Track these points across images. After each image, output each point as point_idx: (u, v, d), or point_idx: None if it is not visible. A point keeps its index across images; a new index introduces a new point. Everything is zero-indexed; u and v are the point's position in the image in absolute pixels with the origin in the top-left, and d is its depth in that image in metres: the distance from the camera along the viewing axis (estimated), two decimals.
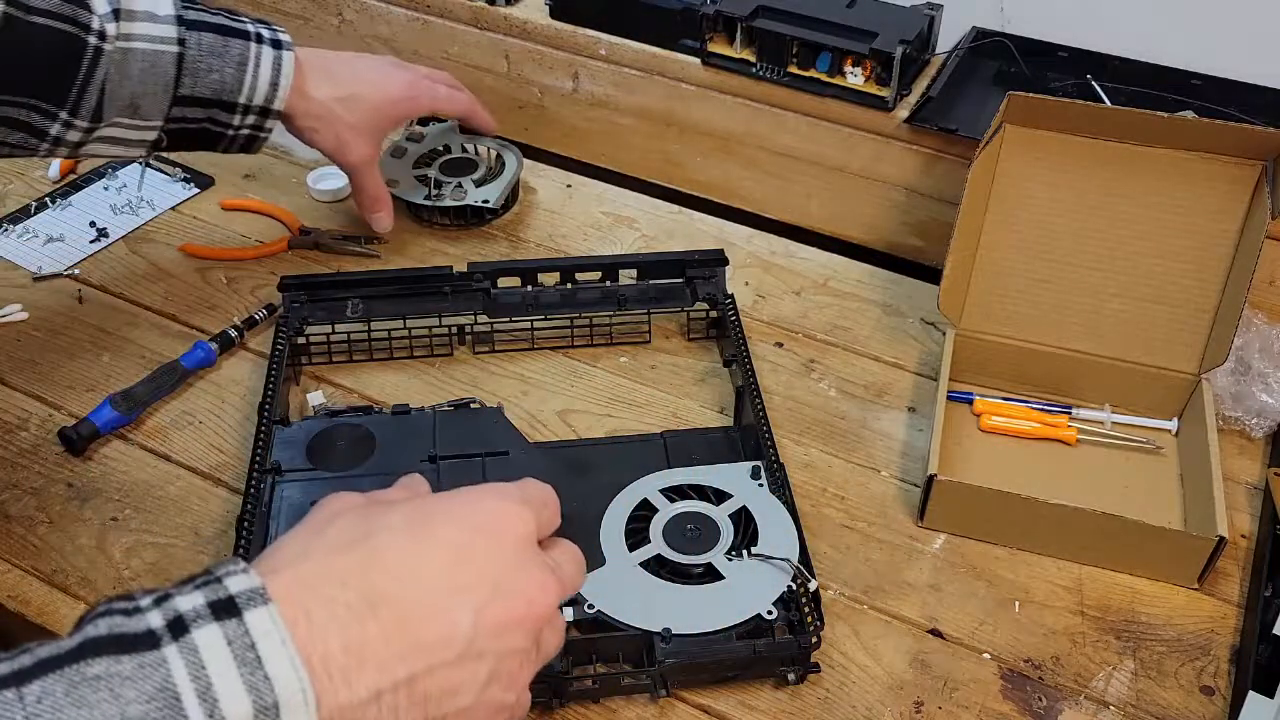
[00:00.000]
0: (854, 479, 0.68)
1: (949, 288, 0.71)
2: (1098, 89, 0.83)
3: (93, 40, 0.62)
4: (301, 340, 0.73)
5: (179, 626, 0.31)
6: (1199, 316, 0.69)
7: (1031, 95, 0.67)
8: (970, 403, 0.72)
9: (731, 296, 0.76)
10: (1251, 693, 0.55)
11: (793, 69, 0.85)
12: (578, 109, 0.97)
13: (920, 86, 0.85)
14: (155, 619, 0.32)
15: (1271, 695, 0.55)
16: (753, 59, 0.86)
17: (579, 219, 0.89)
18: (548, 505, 0.42)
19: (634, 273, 0.77)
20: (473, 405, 0.70)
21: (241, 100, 0.69)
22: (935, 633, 0.59)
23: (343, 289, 0.74)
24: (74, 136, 0.64)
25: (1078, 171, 0.69)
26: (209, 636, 0.31)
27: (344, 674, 0.34)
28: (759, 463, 0.63)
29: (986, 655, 0.58)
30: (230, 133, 0.70)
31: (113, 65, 0.63)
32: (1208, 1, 0.82)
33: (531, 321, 0.75)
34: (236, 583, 0.34)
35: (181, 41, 0.66)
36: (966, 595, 0.61)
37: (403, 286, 0.74)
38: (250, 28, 0.69)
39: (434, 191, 0.85)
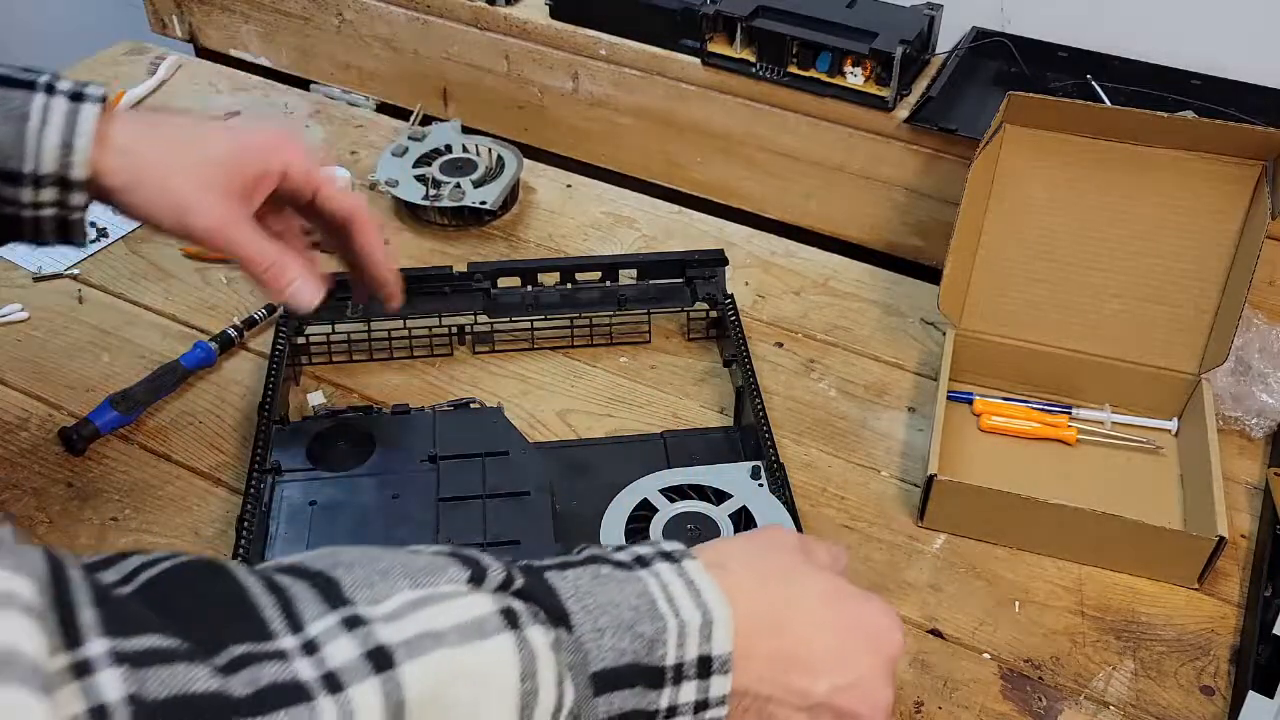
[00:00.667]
0: (854, 479, 0.68)
1: (949, 288, 0.71)
2: (1098, 89, 0.83)
3: None
4: (301, 340, 0.73)
5: (642, 562, 0.41)
6: (1199, 316, 0.69)
7: (1031, 95, 0.67)
8: (970, 403, 0.72)
9: (731, 296, 0.76)
10: (1251, 693, 0.55)
11: (793, 69, 0.85)
12: (578, 109, 0.97)
13: (920, 86, 0.85)
14: (625, 557, 0.41)
15: (1271, 695, 0.55)
16: (753, 59, 0.86)
17: (579, 219, 0.89)
18: (903, 648, 0.47)
19: (634, 273, 0.77)
20: (473, 405, 0.70)
21: (27, 169, 0.51)
22: (935, 633, 0.59)
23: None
24: None
25: (1078, 171, 0.69)
26: (664, 568, 0.41)
27: (736, 661, 0.41)
28: (759, 463, 0.63)
29: (986, 655, 0.58)
30: (25, 214, 0.53)
31: None
32: (1208, 2, 0.82)
33: (531, 321, 0.75)
34: (677, 551, 0.42)
35: None
36: (966, 595, 0.61)
37: (402, 286, 0.74)
38: (42, 79, 0.52)
39: (432, 191, 0.85)
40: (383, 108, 1.06)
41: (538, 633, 0.37)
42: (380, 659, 0.33)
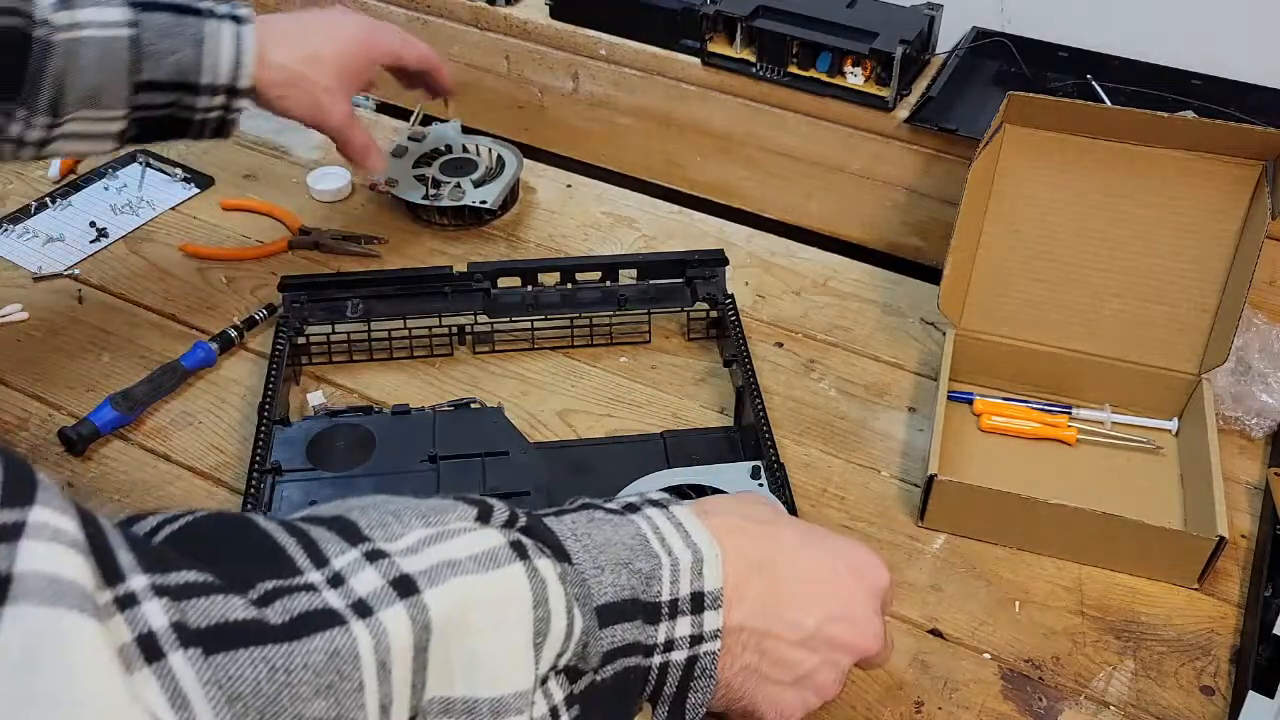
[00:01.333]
0: (854, 479, 0.68)
1: (949, 288, 0.71)
2: (1098, 89, 0.83)
3: (39, 32, 0.60)
4: (301, 340, 0.73)
5: (632, 508, 0.44)
6: (1199, 316, 0.69)
7: (1031, 95, 0.67)
8: (970, 403, 0.72)
9: (731, 296, 0.76)
10: (1251, 693, 0.55)
11: (793, 69, 0.85)
12: (578, 109, 0.97)
13: (920, 86, 0.85)
14: (616, 505, 0.44)
15: (1271, 695, 0.55)
16: (753, 59, 0.86)
17: (579, 219, 0.89)
18: (892, 583, 0.50)
19: (634, 273, 0.77)
20: (473, 405, 0.70)
21: (205, 80, 0.65)
22: (935, 633, 0.59)
23: (343, 289, 0.74)
24: (36, 134, 0.63)
25: (1078, 171, 0.69)
26: (654, 513, 0.44)
27: (729, 598, 0.43)
28: (759, 463, 0.63)
29: (987, 655, 0.58)
30: (198, 117, 0.67)
31: (65, 55, 0.61)
32: (1207, 2, 0.82)
33: (531, 321, 0.75)
34: (664, 499, 0.45)
35: (134, 24, 0.63)
36: (967, 595, 0.61)
37: (403, 286, 0.74)
38: (205, 4, 0.66)
39: (432, 191, 0.85)
40: (383, 107, 1.06)
41: (546, 564, 0.39)
42: (404, 586, 0.35)
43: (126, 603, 0.30)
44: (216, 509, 0.37)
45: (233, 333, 0.75)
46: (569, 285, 0.76)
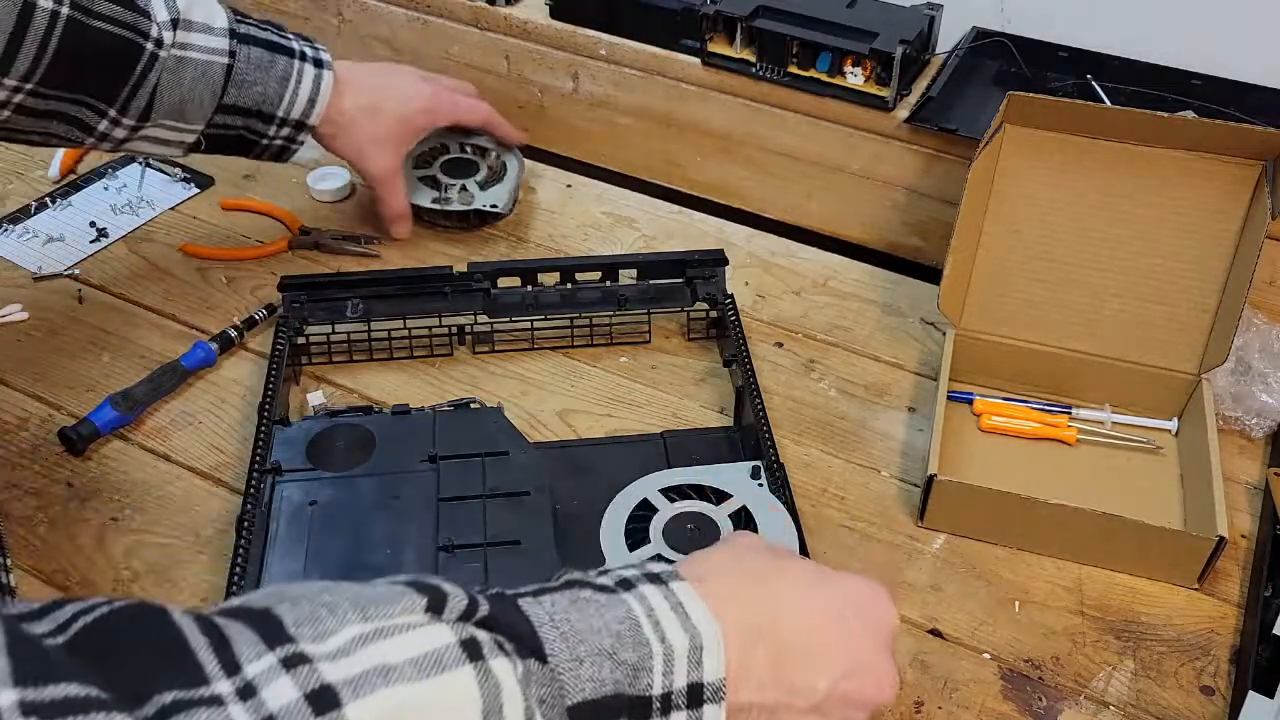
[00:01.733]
0: (854, 479, 0.68)
1: (949, 288, 0.71)
2: (1098, 89, 0.83)
3: (150, 47, 0.66)
4: (301, 340, 0.73)
5: (626, 585, 0.40)
6: (1199, 316, 0.69)
7: (1031, 95, 0.67)
8: (970, 403, 0.72)
9: (731, 296, 0.76)
10: (1251, 693, 0.55)
11: (793, 69, 0.85)
12: (578, 109, 0.97)
13: (920, 86, 0.85)
14: (608, 580, 0.41)
15: (1271, 695, 0.55)
16: (753, 59, 0.86)
17: (579, 219, 0.89)
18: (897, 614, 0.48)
19: (634, 273, 0.77)
20: (473, 405, 0.70)
21: (279, 113, 0.73)
22: (935, 633, 0.59)
23: (343, 289, 0.74)
24: (120, 133, 0.69)
25: (1078, 171, 0.69)
26: (650, 591, 0.40)
27: (733, 678, 0.40)
28: (759, 463, 0.63)
29: (986, 655, 0.58)
30: (264, 142, 0.74)
31: (166, 71, 0.67)
32: (1207, 2, 0.82)
33: (531, 321, 0.75)
34: (664, 573, 0.42)
35: (232, 54, 0.69)
36: (966, 595, 0.61)
37: (403, 286, 0.74)
38: (295, 45, 0.73)
39: (442, 195, 0.84)
40: None
41: (502, 664, 0.34)
42: (323, 700, 0.31)
43: None
44: (136, 601, 0.33)
45: (233, 333, 0.75)
46: (569, 285, 0.76)
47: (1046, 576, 0.62)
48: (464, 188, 0.85)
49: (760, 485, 0.62)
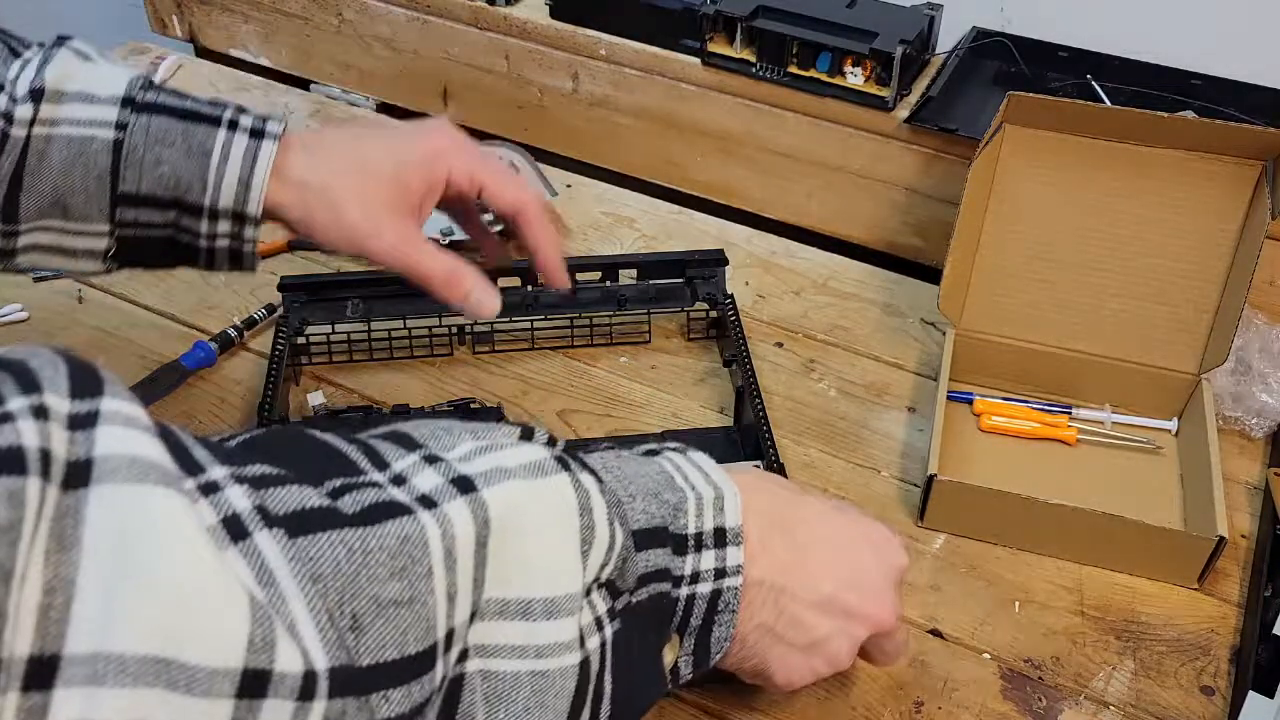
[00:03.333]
0: (854, 479, 0.68)
1: (949, 288, 0.71)
2: (1098, 89, 0.83)
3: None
4: (301, 340, 0.73)
5: (653, 452, 0.46)
6: (1199, 316, 0.69)
7: (1031, 95, 0.67)
8: (970, 403, 0.72)
9: (731, 296, 0.76)
10: (1251, 693, 0.55)
11: (793, 69, 0.85)
12: (578, 109, 0.97)
13: (920, 86, 0.85)
14: (636, 450, 0.46)
15: (1271, 695, 0.55)
16: (753, 59, 0.86)
17: (579, 219, 0.89)
18: (905, 569, 0.51)
19: (634, 273, 0.77)
20: (472, 405, 0.70)
21: (205, 202, 0.53)
22: (935, 633, 0.59)
23: (342, 289, 0.74)
24: None
25: (1078, 171, 0.69)
26: (676, 455, 0.45)
27: (751, 552, 0.44)
28: (759, 463, 0.63)
29: (986, 655, 0.58)
30: (203, 244, 0.54)
31: (29, 155, 0.51)
32: (1208, 1, 0.82)
33: (531, 321, 0.75)
34: (682, 446, 0.47)
35: (121, 126, 0.52)
36: (966, 595, 0.61)
37: (402, 286, 0.73)
38: (225, 113, 0.53)
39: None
40: (382, 107, 1.06)
41: (588, 478, 0.40)
42: (463, 484, 0.36)
43: (209, 489, 0.31)
44: (275, 427, 0.39)
45: (233, 333, 0.75)
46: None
47: (1046, 576, 0.62)
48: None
49: None
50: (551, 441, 0.41)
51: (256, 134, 0.53)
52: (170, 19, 1.13)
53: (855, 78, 0.83)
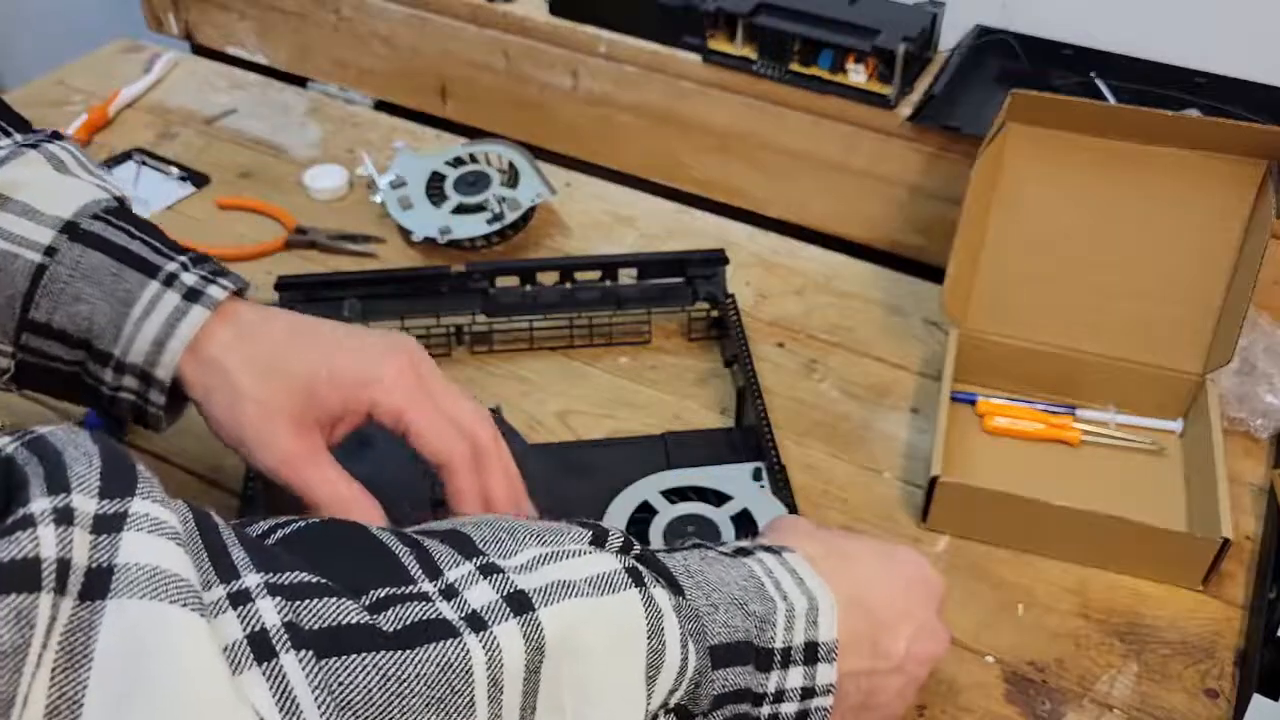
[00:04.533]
0: (856, 480, 0.67)
1: (952, 287, 0.70)
2: (1102, 87, 0.82)
3: None
4: None
5: (744, 551, 0.43)
6: (1204, 316, 0.69)
7: (1035, 93, 0.67)
8: (973, 403, 0.72)
9: (732, 296, 0.75)
10: (1256, 696, 0.55)
11: (794, 66, 0.85)
12: (577, 107, 0.96)
13: (923, 84, 0.84)
14: (728, 548, 0.43)
15: (1276, 698, 0.55)
16: (754, 56, 0.86)
17: (579, 218, 0.88)
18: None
19: (634, 272, 0.76)
20: None
21: (116, 352, 0.48)
22: None
23: (339, 288, 0.74)
24: None
25: (1081, 170, 0.69)
26: (766, 557, 0.43)
27: (840, 647, 0.42)
28: (760, 464, 0.63)
29: (989, 658, 0.58)
30: (106, 391, 0.50)
31: None
32: None
33: (530, 321, 0.75)
34: (777, 545, 0.45)
35: (51, 252, 0.47)
36: (969, 598, 0.61)
37: (400, 286, 0.74)
38: (170, 265, 0.49)
39: (497, 209, 0.81)
40: (380, 105, 1.05)
41: (662, 593, 0.37)
42: (519, 602, 0.34)
43: (239, 599, 0.30)
44: (331, 519, 0.37)
45: None
46: (568, 285, 0.76)
47: (1050, 579, 0.62)
48: (502, 199, 0.82)
49: (762, 487, 0.61)
50: (627, 547, 0.39)
51: (192, 295, 0.48)
52: (166, 16, 1.13)
53: (857, 75, 0.83)
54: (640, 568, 0.38)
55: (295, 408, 0.48)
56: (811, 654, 0.41)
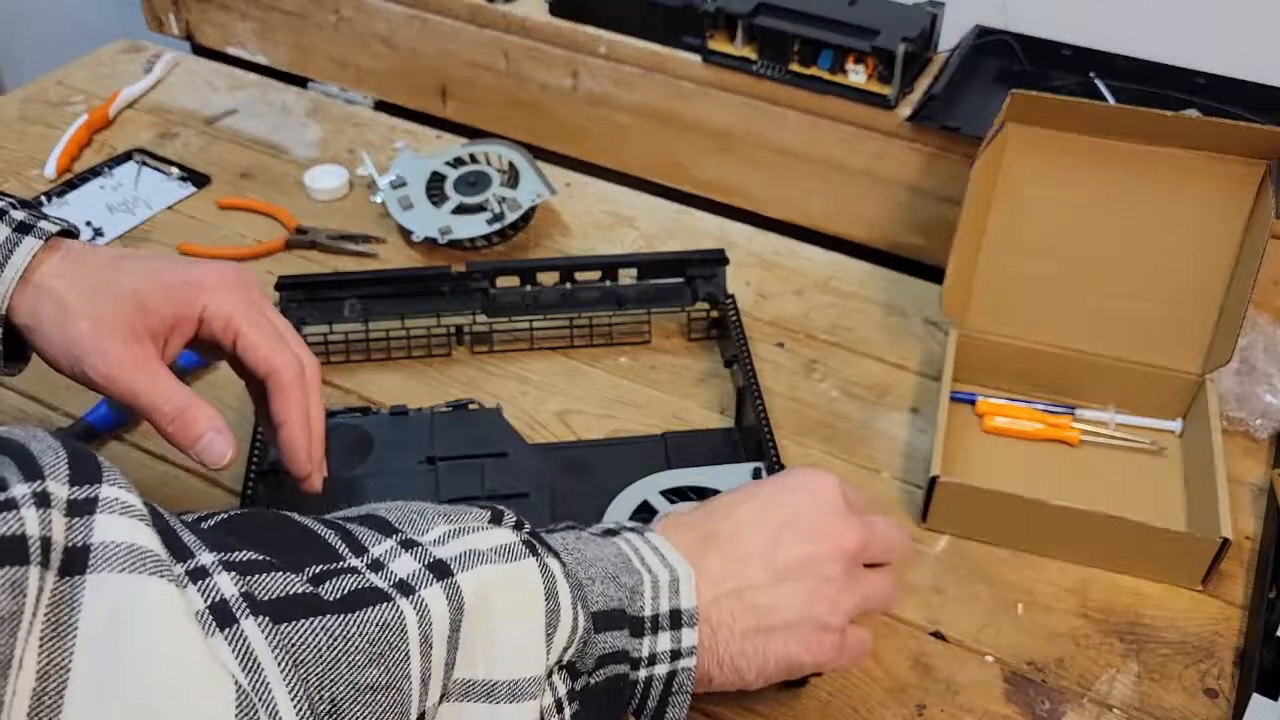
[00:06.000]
0: (856, 480, 0.67)
1: (952, 287, 0.70)
2: (1101, 87, 0.82)
3: None
4: None
5: (612, 532, 0.47)
6: (1203, 316, 0.69)
7: (1034, 93, 0.67)
8: (973, 403, 0.72)
9: (732, 296, 0.75)
10: (1255, 695, 0.55)
11: (794, 67, 0.85)
12: (577, 107, 0.96)
13: (923, 84, 0.85)
14: (595, 530, 0.47)
15: (1275, 698, 0.55)
16: (754, 56, 0.86)
17: (579, 218, 0.88)
18: (850, 485, 0.51)
19: (634, 272, 0.76)
20: (471, 406, 0.69)
21: None
22: (937, 635, 0.59)
23: (340, 289, 0.74)
24: None
25: (1081, 170, 0.69)
26: (633, 537, 0.46)
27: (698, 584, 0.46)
28: (760, 464, 0.63)
29: (989, 658, 0.58)
30: None
31: None
32: None
33: (530, 321, 0.75)
34: (636, 525, 0.48)
35: None
36: (969, 597, 0.61)
37: (401, 286, 0.74)
38: (2, 202, 0.50)
39: (495, 211, 0.81)
40: (380, 105, 1.05)
41: (554, 562, 0.41)
42: (439, 570, 0.38)
43: (198, 575, 0.33)
44: (253, 508, 0.41)
45: None
46: (568, 285, 0.76)
47: (1049, 578, 0.62)
48: (502, 199, 0.82)
49: None
50: (519, 524, 0.43)
51: (23, 228, 0.49)
52: (167, 17, 1.13)
53: (857, 76, 0.83)
54: (533, 540, 0.42)
55: (125, 318, 0.48)
56: (676, 620, 0.44)
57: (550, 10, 0.93)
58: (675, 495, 0.61)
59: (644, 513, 0.60)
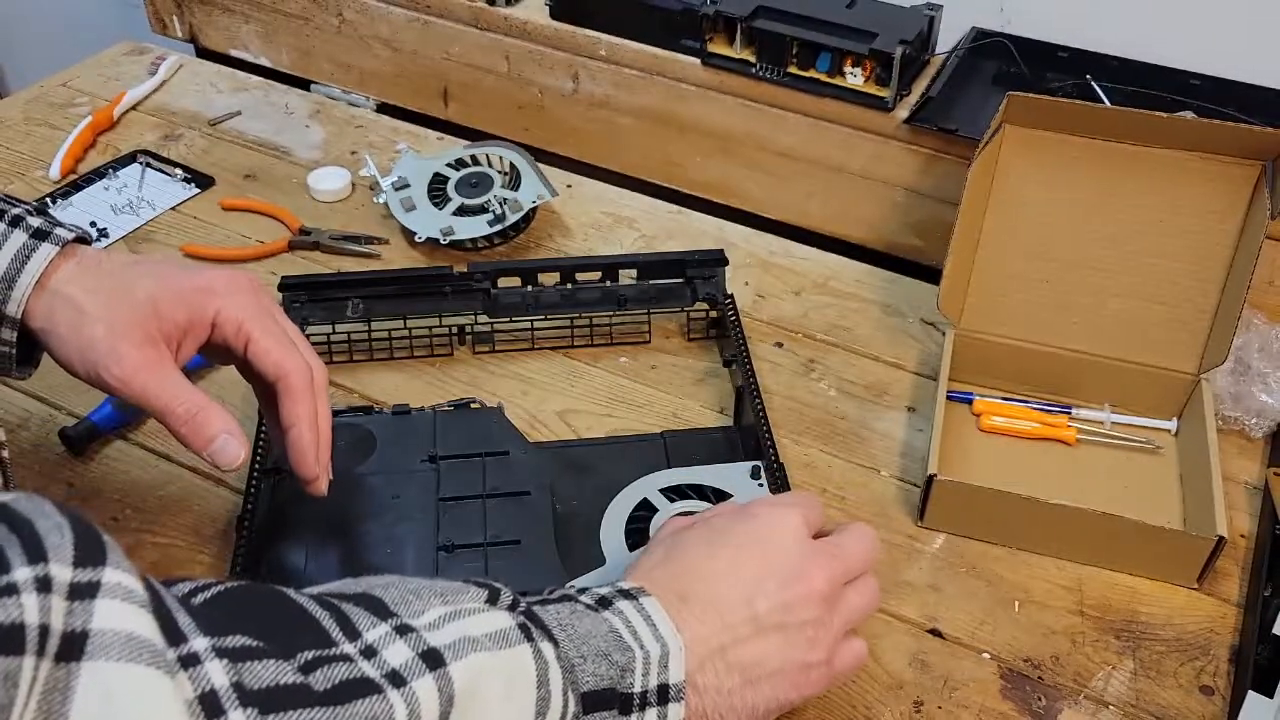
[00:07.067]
0: (854, 479, 0.68)
1: (949, 288, 0.71)
2: (1097, 89, 0.83)
3: None
4: None
5: (605, 603, 0.45)
6: (1199, 316, 0.69)
7: (1031, 95, 0.67)
8: (970, 403, 0.72)
9: (731, 296, 0.76)
10: (1251, 693, 0.55)
11: (792, 69, 0.85)
12: (578, 109, 0.97)
13: (920, 87, 0.85)
14: (589, 599, 0.45)
15: (1271, 695, 0.55)
16: (752, 59, 0.86)
17: (579, 219, 0.89)
18: (812, 505, 0.51)
19: (634, 273, 0.77)
20: (473, 405, 0.70)
21: None
22: (935, 632, 0.59)
23: (343, 289, 0.74)
24: None
25: (1077, 171, 0.69)
26: (626, 606, 0.45)
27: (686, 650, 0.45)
28: (759, 463, 0.63)
29: (986, 655, 0.58)
30: None
31: None
32: (1207, 1, 0.82)
33: (531, 321, 0.75)
34: (630, 587, 0.47)
35: None
36: (966, 595, 0.61)
37: (403, 286, 0.74)
38: (15, 210, 0.51)
39: (496, 211, 0.82)
40: (383, 108, 1.06)
41: (547, 647, 0.41)
42: (432, 659, 0.38)
43: (189, 661, 0.32)
44: (246, 582, 0.40)
45: None
46: (569, 285, 0.77)
47: (1046, 576, 0.62)
48: (504, 200, 0.83)
49: (760, 485, 0.62)
50: (515, 604, 0.43)
51: (40, 235, 0.50)
52: (170, 19, 1.13)
53: (855, 78, 0.83)
54: (529, 624, 0.42)
55: (140, 323, 0.49)
56: (664, 695, 0.44)
57: (551, 13, 0.94)
58: (675, 493, 0.61)
59: (644, 510, 0.60)
